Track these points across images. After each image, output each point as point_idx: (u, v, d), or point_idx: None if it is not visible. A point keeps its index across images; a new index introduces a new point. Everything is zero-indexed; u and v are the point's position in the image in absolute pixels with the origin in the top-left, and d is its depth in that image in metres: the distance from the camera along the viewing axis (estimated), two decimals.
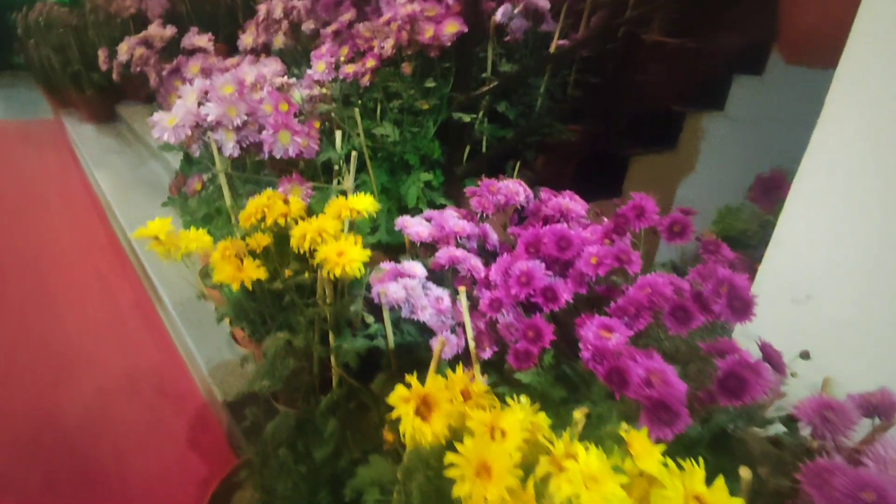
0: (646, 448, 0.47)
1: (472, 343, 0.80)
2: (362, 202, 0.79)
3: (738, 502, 0.44)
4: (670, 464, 0.46)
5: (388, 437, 0.83)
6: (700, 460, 0.46)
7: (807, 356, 0.71)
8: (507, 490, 0.48)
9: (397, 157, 1.28)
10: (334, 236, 0.72)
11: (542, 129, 1.46)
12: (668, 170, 1.91)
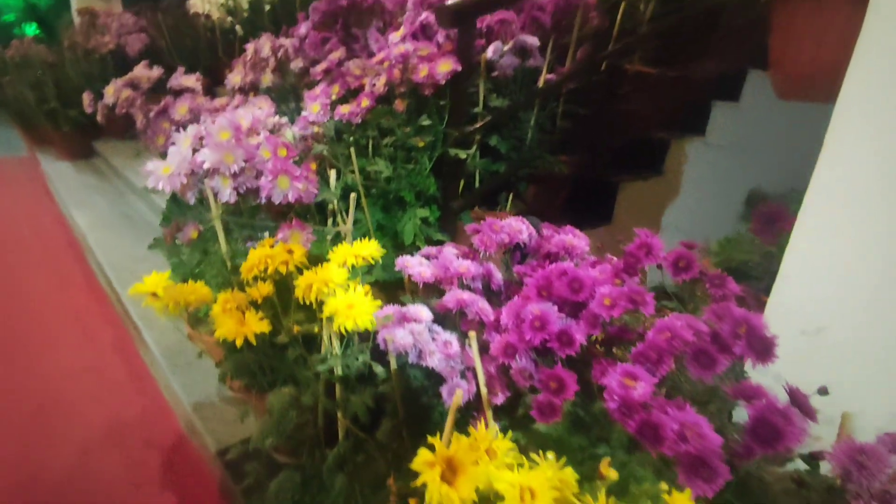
0: None
1: (484, 389, 0.78)
2: (368, 248, 0.77)
3: None
4: None
5: (393, 487, 0.79)
6: None
7: (825, 392, 0.71)
8: None
9: (392, 193, 1.27)
10: (342, 286, 0.70)
11: (533, 162, 1.47)
12: (655, 195, 1.95)
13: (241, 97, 1.35)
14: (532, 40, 1.34)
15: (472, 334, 0.76)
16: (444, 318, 0.93)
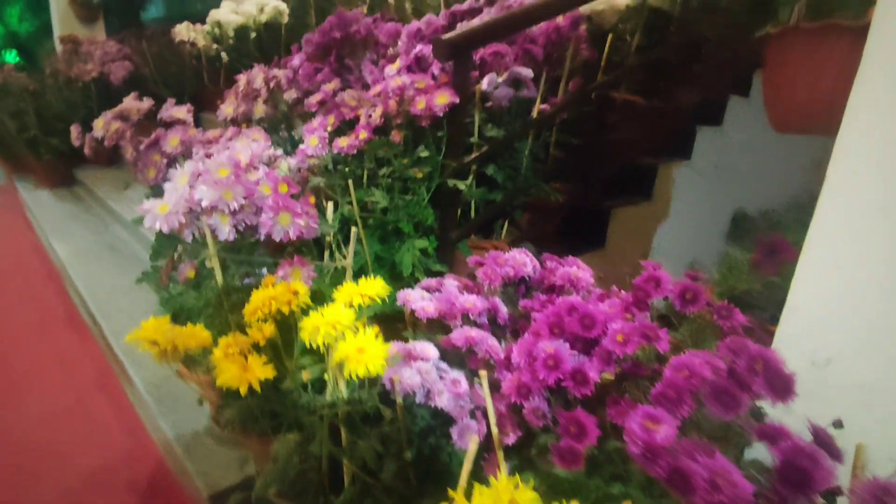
0: None
1: (495, 430, 0.76)
2: (374, 287, 0.75)
3: None
4: None
5: None
6: None
7: (840, 425, 0.70)
8: None
9: (390, 224, 1.26)
10: (350, 328, 0.68)
11: (528, 190, 1.48)
12: (646, 219, 1.98)
13: (234, 129, 1.34)
14: (526, 72, 1.36)
15: (483, 373, 0.74)
16: (447, 354, 0.91)
